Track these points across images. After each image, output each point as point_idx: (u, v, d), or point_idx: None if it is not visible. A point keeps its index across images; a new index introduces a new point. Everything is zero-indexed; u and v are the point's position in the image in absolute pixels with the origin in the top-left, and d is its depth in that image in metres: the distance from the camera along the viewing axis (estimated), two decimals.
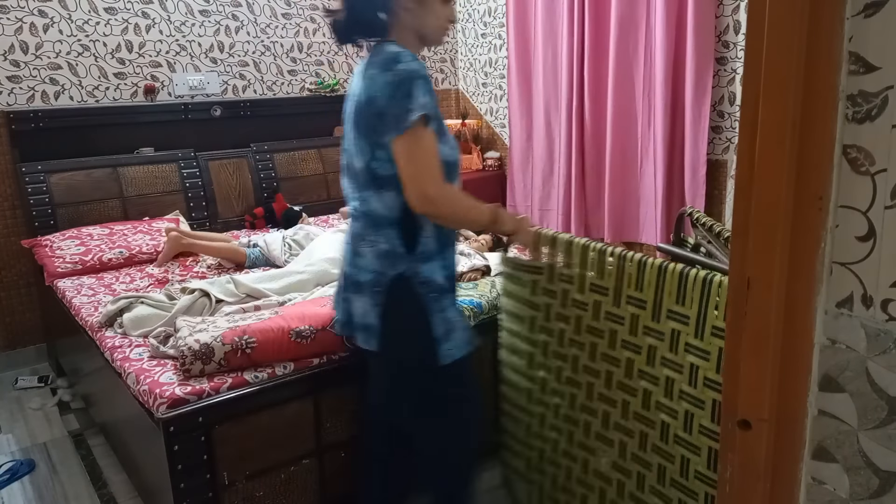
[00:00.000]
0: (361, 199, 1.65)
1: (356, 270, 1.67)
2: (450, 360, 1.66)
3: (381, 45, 1.62)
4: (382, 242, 1.62)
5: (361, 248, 1.66)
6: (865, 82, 0.74)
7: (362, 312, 1.68)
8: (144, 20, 3.65)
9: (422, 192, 1.53)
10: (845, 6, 0.74)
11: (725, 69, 3.24)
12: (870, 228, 0.76)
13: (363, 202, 1.65)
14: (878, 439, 0.79)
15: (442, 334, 1.64)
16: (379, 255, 1.63)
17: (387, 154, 1.56)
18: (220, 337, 1.90)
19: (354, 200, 1.69)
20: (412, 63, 1.53)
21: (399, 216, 1.60)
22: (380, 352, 1.68)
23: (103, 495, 2.37)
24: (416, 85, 1.51)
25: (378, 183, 1.60)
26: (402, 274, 1.61)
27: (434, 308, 1.64)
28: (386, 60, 1.55)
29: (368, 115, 1.56)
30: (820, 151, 0.77)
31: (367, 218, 1.65)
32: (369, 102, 1.56)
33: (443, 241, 1.68)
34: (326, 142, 4.21)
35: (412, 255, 1.62)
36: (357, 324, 1.71)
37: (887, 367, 0.77)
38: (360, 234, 1.67)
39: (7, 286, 3.43)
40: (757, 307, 0.83)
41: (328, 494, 2.04)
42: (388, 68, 1.53)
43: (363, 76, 1.60)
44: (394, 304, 1.62)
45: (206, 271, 2.96)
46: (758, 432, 0.85)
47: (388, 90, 1.52)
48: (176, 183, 3.62)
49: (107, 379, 2.21)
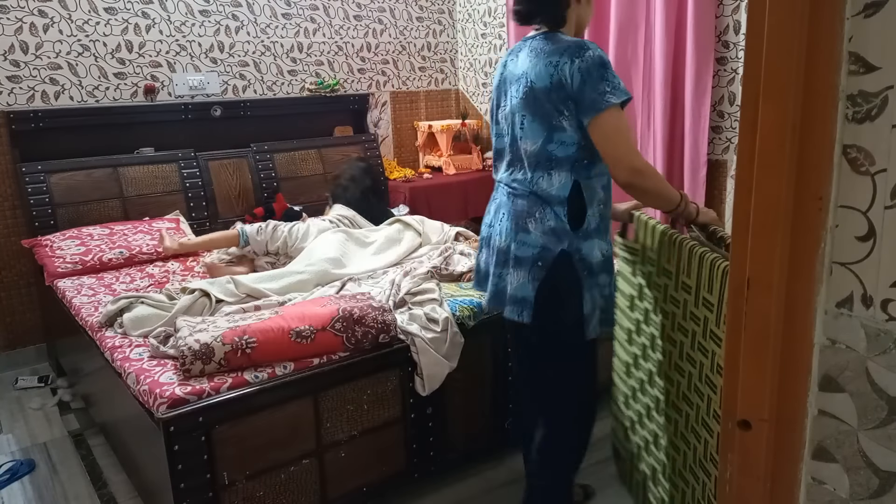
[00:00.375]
0: (526, 181, 1.73)
1: (519, 246, 1.73)
2: (592, 335, 1.74)
3: (553, 33, 1.73)
4: (550, 219, 1.70)
5: (528, 225, 1.72)
6: (865, 82, 0.74)
7: (518, 285, 1.73)
8: (144, 20, 3.65)
9: (630, 165, 1.63)
10: (845, 6, 0.74)
11: (725, 69, 3.24)
12: (870, 228, 0.76)
13: (531, 182, 1.73)
14: (878, 439, 0.79)
15: (589, 311, 1.72)
16: (546, 231, 1.70)
17: (567, 136, 1.66)
18: (220, 337, 1.90)
19: (516, 181, 1.77)
20: (598, 49, 1.64)
21: (567, 195, 1.68)
22: (532, 323, 1.73)
23: (103, 495, 2.37)
24: (608, 69, 1.62)
25: (552, 164, 1.69)
26: (564, 250, 1.68)
27: (587, 285, 1.71)
28: (572, 48, 1.64)
29: (554, 99, 1.65)
30: (820, 151, 0.77)
31: (534, 196, 1.72)
32: (557, 88, 1.64)
33: (603, 221, 1.77)
34: (326, 142, 4.21)
35: (576, 233, 1.69)
36: (511, 297, 1.75)
37: (887, 367, 0.77)
38: (527, 212, 1.73)
39: (7, 286, 3.43)
40: (757, 307, 0.83)
41: (328, 494, 2.04)
42: (578, 55, 1.62)
43: (540, 63, 1.67)
44: (553, 280, 1.70)
45: (207, 271, 2.96)
46: (758, 432, 0.85)
47: (581, 76, 1.61)
48: (176, 183, 3.62)
49: (107, 379, 2.21)
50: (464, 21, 4.78)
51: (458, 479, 2.36)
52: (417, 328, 2.14)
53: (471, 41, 4.75)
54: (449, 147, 4.54)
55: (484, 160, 4.67)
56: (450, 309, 2.21)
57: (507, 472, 2.40)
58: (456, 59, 4.90)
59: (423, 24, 4.68)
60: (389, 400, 2.13)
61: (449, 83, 4.90)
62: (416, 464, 2.22)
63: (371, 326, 2.06)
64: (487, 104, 4.72)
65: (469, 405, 2.32)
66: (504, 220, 1.79)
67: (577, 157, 1.68)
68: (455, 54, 4.89)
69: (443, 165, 4.55)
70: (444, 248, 2.72)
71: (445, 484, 2.34)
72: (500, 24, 4.45)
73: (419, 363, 2.11)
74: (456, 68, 4.91)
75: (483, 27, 4.63)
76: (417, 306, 2.26)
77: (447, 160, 4.52)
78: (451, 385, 2.23)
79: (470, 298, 2.30)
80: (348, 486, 2.08)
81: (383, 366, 2.10)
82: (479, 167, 4.65)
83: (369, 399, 2.08)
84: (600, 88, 1.60)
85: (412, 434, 2.19)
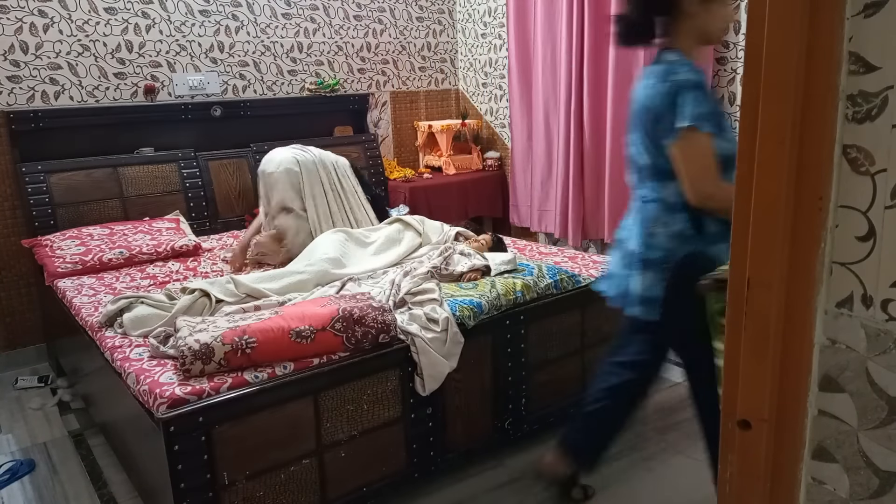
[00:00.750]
0: (651, 188, 1.85)
1: (647, 249, 1.84)
2: None
3: (662, 52, 1.80)
4: (674, 224, 1.80)
5: (655, 230, 1.83)
6: (865, 82, 0.74)
7: (647, 286, 1.84)
8: (144, 20, 3.65)
9: (699, 190, 1.73)
10: (845, 6, 0.74)
11: (725, 69, 3.24)
12: (870, 228, 0.76)
13: (654, 190, 1.85)
14: (878, 439, 0.79)
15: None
16: (671, 236, 1.81)
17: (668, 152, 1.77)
18: (220, 337, 1.90)
19: (643, 189, 1.89)
20: (686, 73, 1.71)
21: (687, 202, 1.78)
22: (660, 321, 1.83)
23: (103, 495, 2.37)
24: (686, 95, 1.69)
25: (664, 175, 1.80)
26: (690, 253, 1.77)
27: None
28: (662, 71, 1.73)
29: (648, 120, 1.77)
30: (820, 151, 0.77)
31: (661, 203, 1.83)
32: (648, 110, 1.77)
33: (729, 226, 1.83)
34: (326, 142, 4.20)
35: (701, 237, 1.79)
36: (638, 297, 1.86)
37: (887, 367, 0.77)
38: (655, 218, 1.84)
39: (7, 286, 3.43)
40: (757, 307, 0.83)
41: (328, 494, 2.04)
42: (664, 79, 1.72)
43: (643, 83, 1.79)
44: (678, 280, 1.77)
45: (208, 271, 2.96)
46: (758, 432, 0.85)
47: (662, 100, 1.72)
48: (176, 183, 3.62)
49: (107, 379, 2.21)
50: (464, 21, 4.78)
51: (458, 479, 2.36)
52: (417, 328, 2.14)
53: (471, 41, 4.75)
54: (449, 147, 4.54)
55: (484, 160, 4.67)
56: (450, 309, 2.21)
57: (507, 472, 2.40)
58: (456, 59, 4.90)
59: (423, 24, 4.68)
60: (389, 400, 2.13)
61: (449, 83, 4.90)
62: (416, 464, 2.22)
63: (371, 326, 2.06)
64: (487, 104, 4.73)
65: (469, 405, 2.32)
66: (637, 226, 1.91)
67: None
68: (455, 54, 4.89)
69: (443, 165, 4.55)
70: (444, 248, 2.72)
71: (445, 484, 2.34)
72: (500, 24, 4.45)
73: (419, 363, 2.11)
74: (456, 68, 4.91)
75: (483, 27, 4.63)
76: (417, 306, 2.26)
77: (447, 160, 4.52)
78: (451, 385, 2.23)
79: (470, 298, 2.30)
80: (348, 486, 2.08)
81: (383, 366, 2.10)
82: (479, 167, 4.65)
83: (369, 399, 2.08)
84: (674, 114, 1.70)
85: (412, 434, 2.19)
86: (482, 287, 2.40)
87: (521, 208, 4.46)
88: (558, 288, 2.53)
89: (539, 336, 2.48)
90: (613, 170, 3.69)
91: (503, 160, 4.66)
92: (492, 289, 2.37)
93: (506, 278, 2.48)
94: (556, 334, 2.54)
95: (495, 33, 4.53)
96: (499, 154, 4.67)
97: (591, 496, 2.25)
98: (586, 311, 2.61)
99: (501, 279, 2.47)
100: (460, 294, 2.35)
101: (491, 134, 4.76)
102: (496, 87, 4.62)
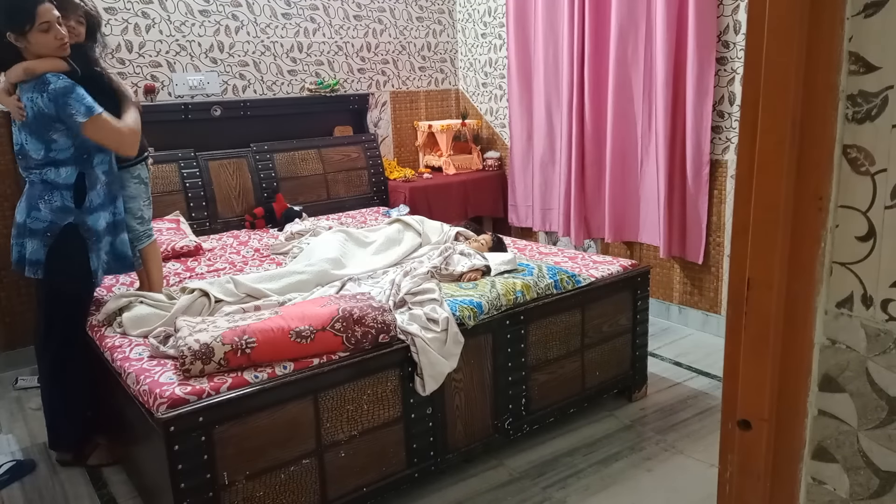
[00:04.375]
0: (37, 174, 2.30)
1: (34, 221, 2.30)
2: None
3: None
4: (56, 200, 2.30)
5: (40, 205, 2.30)
6: (865, 82, 0.74)
7: (32, 251, 2.30)
8: (144, 20, 3.65)
9: (130, 144, 2.37)
10: (845, 6, 0.74)
11: (725, 69, 3.24)
12: (870, 228, 0.76)
13: (40, 175, 2.30)
14: (878, 439, 0.79)
15: (96, 267, 2.37)
16: (54, 209, 2.28)
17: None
18: (220, 337, 1.90)
19: (30, 174, 2.31)
20: (60, 81, 2.18)
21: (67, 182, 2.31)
22: (43, 279, 2.32)
23: (103, 495, 2.37)
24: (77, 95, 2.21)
25: (51, 163, 2.29)
26: (70, 223, 2.31)
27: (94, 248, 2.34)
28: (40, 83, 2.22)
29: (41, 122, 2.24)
30: (820, 151, 0.77)
31: (45, 184, 2.30)
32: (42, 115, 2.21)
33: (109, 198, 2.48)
34: (326, 142, 4.21)
35: (80, 210, 2.30)
36: (27, 260, 2.30)
37: (887, 367, 0.77)
38: (39, 195, 2.28)
39: (7, 286, 3.43)
40: (757, 307, 0.83)
41: (328, 494, 2.04)
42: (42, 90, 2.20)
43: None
44: (58, 244, 2.31)
45: (206, 272, 2.96)
46: (758, 432, 0.85)
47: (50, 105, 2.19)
48: (176, 183, 3.62)
49: (107, 379, 2.21)
50: (464, 21, 4.78)
51: (458, 479, 2.36)
52: (417, 328, 2.14)
53: (471, 41, 4.75)
54: (449, 147, 4.54)
55: (484, 160, 4.67)
56: (450, 309, 2.21)
57: (507, 472, 2.40)
58: (456, 59, 4.90)
59: (423, 24, 4.68)
60: (389, 400, 2.13)
61: (449, 83, 4.90)
62: (416, 464, 2.22)
63: (371, 326, 2.06)
64: (487, 104, 4.73)
65: (469, 405, 2.32)
66: None
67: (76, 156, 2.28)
68: (455, 54, 4.89)
69: (443, 165, 4.55)
70: (444, 248, 2.72)
71: (445, 484, 2.34)
72: (500, 24, 4.45)
73: (419, 363, 2.11)
74: (456, 68, 4.91)
75: (483, 27, 4.63)
76: (417, 306, 2.26)
77: (447, 160, 4.52)
78: (451, 385, 2.24)
79: (470, 298, 2.30)
80: (348, 486, 2.08)
81: (383, 366, 2.10)
82: (479, 167, 4.66)
83: (369, 399, 2.08)
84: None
85: (412, 434, 2.19)
86: (482, 287, 2.40)
87: (521, 208, 4.46)
88: (558, 288, 2.53)
89: (539, 336, 2.48)
90: (614, 168, 3.70)
91: (503, 160, 4.66)
92: (492, 289, 2.37)
93: (506, 278, 2.48)
94: (556, 334, 2.54)
95: (495, 33, 4.53)
96: (499, 154, 4.67)
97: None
98: (586, 311, 2.61)
99: (501, 279, 2.47)
100: (460, 294, 2.35)
101: (491, 134, 4.76)
102: (496, 87, 4.62)
